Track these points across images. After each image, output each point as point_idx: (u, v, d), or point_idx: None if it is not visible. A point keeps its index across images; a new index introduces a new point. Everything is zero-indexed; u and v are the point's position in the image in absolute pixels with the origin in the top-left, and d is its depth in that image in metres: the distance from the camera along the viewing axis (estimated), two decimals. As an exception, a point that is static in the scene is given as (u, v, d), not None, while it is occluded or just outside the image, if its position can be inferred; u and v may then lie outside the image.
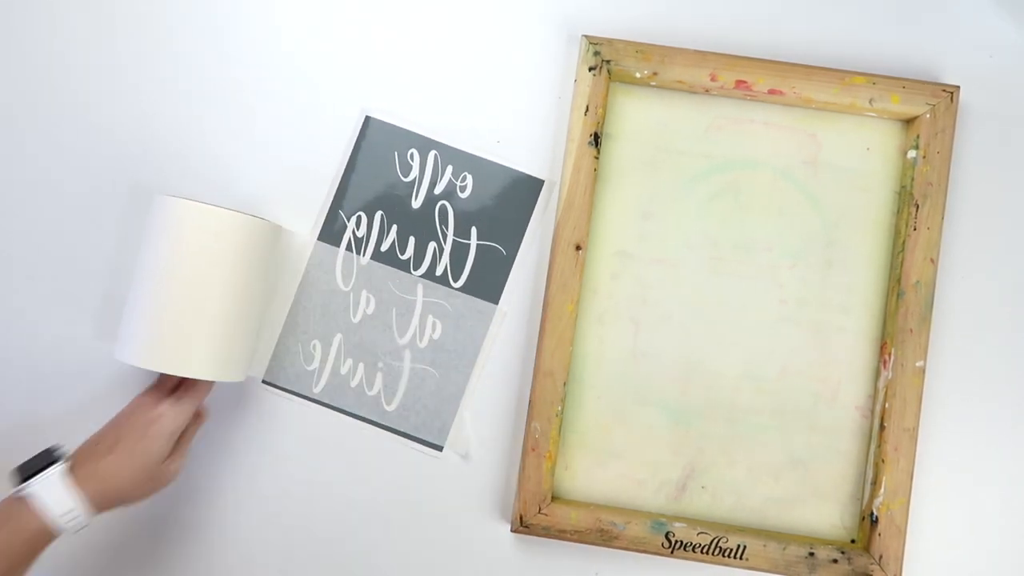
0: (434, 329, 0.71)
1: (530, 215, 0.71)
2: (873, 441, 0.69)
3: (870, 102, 0.69)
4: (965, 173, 0.71)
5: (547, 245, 0.71)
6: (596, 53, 0.70)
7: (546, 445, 0.68)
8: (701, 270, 0.71)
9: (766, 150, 0.71)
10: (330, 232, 0.72)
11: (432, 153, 0.72)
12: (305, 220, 0.72)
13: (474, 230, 0.72)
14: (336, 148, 0.72)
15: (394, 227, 0.72)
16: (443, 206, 0.72)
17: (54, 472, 0.58)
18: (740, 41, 0.72)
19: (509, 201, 0.72)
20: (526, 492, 0.68)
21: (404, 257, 0.72)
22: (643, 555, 0.68)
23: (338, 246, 0.72)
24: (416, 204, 0.72)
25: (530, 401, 0.68)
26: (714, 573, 0.69)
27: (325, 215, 0.72)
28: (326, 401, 0.71)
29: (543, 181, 0.72)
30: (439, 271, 0.72)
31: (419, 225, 0.72)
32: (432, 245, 0.72)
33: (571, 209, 0.69)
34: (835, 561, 0.67)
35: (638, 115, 0.72)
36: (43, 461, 0.59)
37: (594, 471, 0.70)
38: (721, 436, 0.70)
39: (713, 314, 0.71)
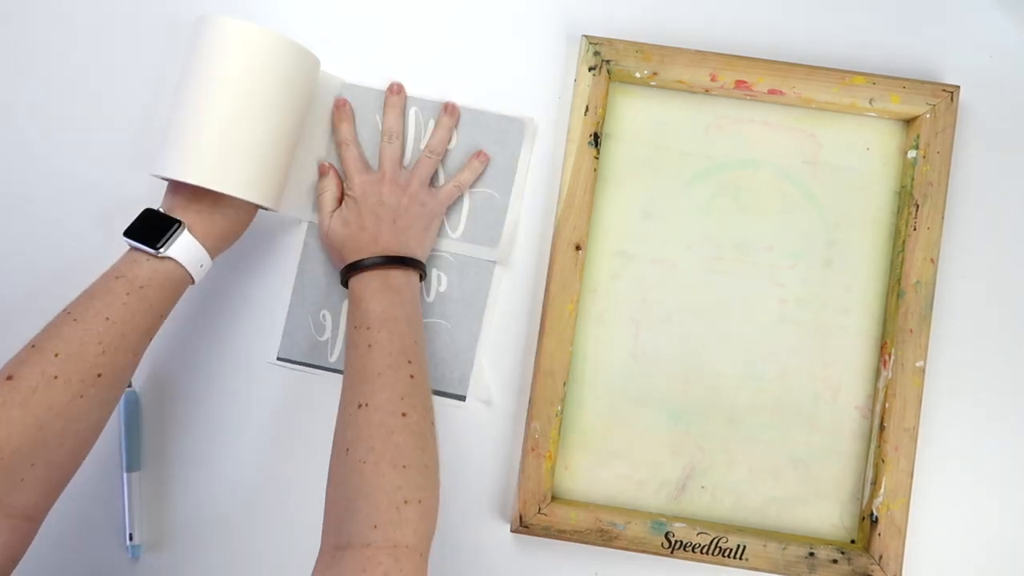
0: (439, 282, 0.72)
1: (518, 156, 0.72)
2: (873, 441, 0.69)
3: (870, 102, 0.69)
4: (965, 173, 0.71)
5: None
6: (596, 53, 0.70)
7: (546, 445, 0.68)
8: (701, 270, 0.71)
9: (766, 150, 0.71)
10: None
11: (412, 110, 0.72)
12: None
13: None
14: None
15: None
16: None
17: (185, 234, 0.62)
18: (740, 41, 0.72)
19: (495, 145, 0.72)
20: (526, 492, 0.68)
21: None
22: (643, 555, 0.68)
23: None
24: (404, 162, 0.72)
25: (530, 401, 0.68)
26: (714, 573, 0.69)
27: (316, 186, 0.72)
28: (342, 368, 0.71)
29: (524, 120, 0.72)
30: None
31: None
32: None
33: (571, 209, 0.69)
34: (835, 561, 0.67)
35: (638, 115, 0.72)
36: (160, 224, 0.62)
37: (594, 471, 0.70)
38: (721, 436, 0.70)
39: (713, 314, 0.71)
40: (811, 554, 0.67)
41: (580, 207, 0.69)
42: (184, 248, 0.61)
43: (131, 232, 0.61)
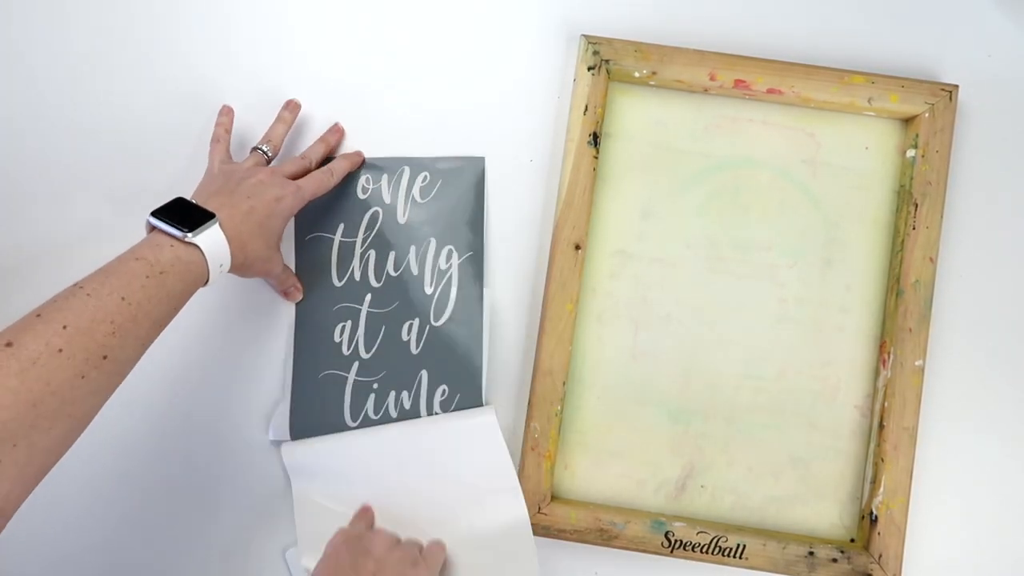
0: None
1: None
2: (872, 440, 0.69)
3: (869, 101, 0.69)
4: (964, 172, 0.72)
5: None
6: (595, 53, 0.70)
7: (545, 445, 0.68)
8: (701, 270, 0.71)
9: (765, 149, 0.72)
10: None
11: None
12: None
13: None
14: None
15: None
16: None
17: (215, 227, 0.60)
18: (739, 41, 0.72)
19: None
20: (526, 492, 0.67)
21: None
22: (643, 555, 0.68)
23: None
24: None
25: (529, 401, 0.68)
26: (714, 572, 0.69)
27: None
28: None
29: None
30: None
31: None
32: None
33: (570, 208, 0.69)
34: (834, 560, 0.67)
35: (637, 114, 0.72)
36: (192, 212, 0.60)
37: (594, 471, 0.70)
38: (721, 436, 0.70)
39: (713, 314, 0.71)
40: (811, 553, 0.67)
41: (579, 207, 0.69)
42: (212, 240, 0.59)
43: (160, 214, 0.59)
